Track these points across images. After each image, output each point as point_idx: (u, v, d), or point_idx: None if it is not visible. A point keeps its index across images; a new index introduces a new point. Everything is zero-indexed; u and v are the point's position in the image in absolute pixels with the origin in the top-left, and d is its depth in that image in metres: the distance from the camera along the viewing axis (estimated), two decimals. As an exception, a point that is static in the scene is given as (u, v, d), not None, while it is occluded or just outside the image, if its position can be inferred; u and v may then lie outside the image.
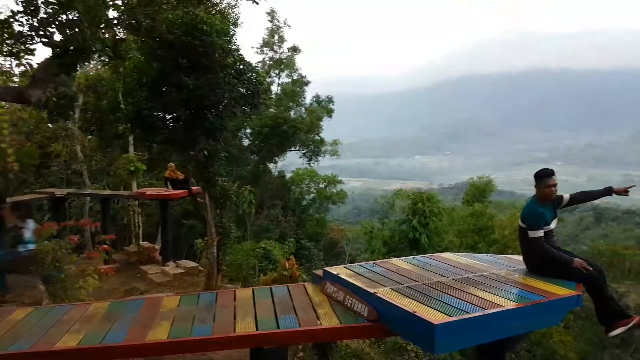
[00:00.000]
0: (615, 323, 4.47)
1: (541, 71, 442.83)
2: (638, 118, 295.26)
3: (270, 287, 5.30)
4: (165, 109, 9.73)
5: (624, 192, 4.88)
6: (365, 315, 4.19)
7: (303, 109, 27.65)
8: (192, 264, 12.81)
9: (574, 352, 16.68)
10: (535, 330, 4.53)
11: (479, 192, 23.36)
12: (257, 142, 25.56)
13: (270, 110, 24.84)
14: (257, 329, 4.10)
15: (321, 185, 28.60)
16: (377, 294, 4.24)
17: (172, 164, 13.36)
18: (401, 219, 20.50)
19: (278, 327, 4.11)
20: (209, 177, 10.11)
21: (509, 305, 4.02)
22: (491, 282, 4.70)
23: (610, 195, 4.94)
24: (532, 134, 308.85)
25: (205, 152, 9.66)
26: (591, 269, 4.53)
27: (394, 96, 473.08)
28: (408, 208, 20.39)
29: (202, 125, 9.59)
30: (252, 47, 27.90)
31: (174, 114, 9.78)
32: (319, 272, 5.35)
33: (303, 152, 27.24)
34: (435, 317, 3.67)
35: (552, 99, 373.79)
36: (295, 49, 27.54)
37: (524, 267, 5.09)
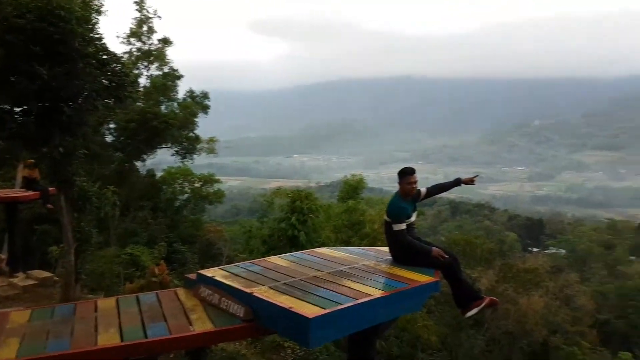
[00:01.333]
0: (470, 305, 4.95)
1: (405, 78, 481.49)
2: (486, 122, 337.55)
3: (137, 295, 4.95)
4: (14, 101, 8.56)
5: (470, 181, 5.50)
6: (242, 316, 4.13)
7: (175, 104, 26.27)
8: (45, 274, 11.53)
9: (436, 335, 18.38)
10: (401, 315, 4.88)
11: (352, 189, 24.52)
12: (123, 138, 23.60)
13: (138, 104, 23.22)
14: (122, 340, 3.79)
15: (197, 185, 27.49)
16: (254, 294, 4.20)
17: (30, 161, 11.67)
18: (280, 217, 20.65)
19: (146, 337, 3.85)
20: (66, 176, 9.12)
21: (378, 293, 4.26)
22: (361, 273, 4.94)
23: (459, 185, 5.54)
24: (399, 136, 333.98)
25: (61, 149, 8.69)
26: (447, 256, 4.98)
27: (274, 94, 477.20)
28: (287, 206, 20.62)
29: (58, 120, 8.62)
30: (117, 37, 25.69)
31: (25, 107, 8.65)
32: (192, 276, 5.13)
33: (176, 149, 25.89)
34: (310, 311, 3.74)
35: (419, 104, 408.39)
36: (166, 41, 26.10)
37: (390, 257, 5.44)
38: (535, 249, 52.93)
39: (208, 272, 5.00)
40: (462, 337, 19.60)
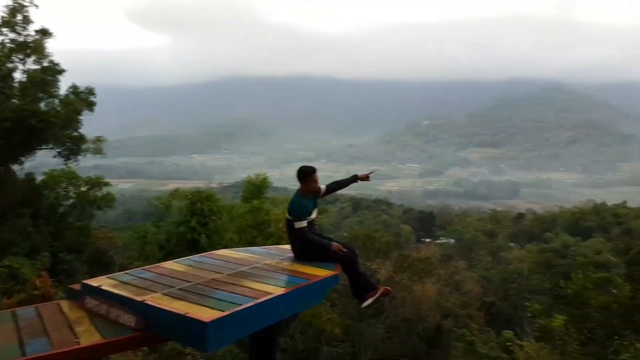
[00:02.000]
0: (366, 295, 5.11)
1: (308, 78, 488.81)
2: (385, 123, 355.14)
3: (14, 310, 4.41)
4: None
5: (365, 177, 5.72)
6: (133, 325, 3.86)
7: (57, 100, 23.93)
8: None
9: (339, 327, 18.91)
10: (303, 310, 4.91)
11: (256, 189, 24.27)
12: (-4, 138, 21.09)
13: (13, 101, 20.89)
14: (-6, 362, 3.35)
15: (83, 189, 25.33)
16: (146, 301, 3.95)
17: None
18: (178, 220, 19.81)
19: (24, 354, 3.44)
20: None
21: (278, 291, 4.23)
22: (263, 272, 4.88)
23: (356, 181, 5.73)
24: (303, 136, 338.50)
25: None
26: (346, 250, 5.11)
27: (168, 91, 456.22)
28: (186, 208, 19.85)
29: None
30: (-16, 26, 22.81)
31: None
32: (76, 286, 4.68)
33: (58, 150, 23.64)
34: (207, 314, 3.62)
35: (322, 104, 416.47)
36: (44, 32, 23.69)
37: (292, 255, 5.45)
38: (427, 240, 56.72)
39: (94, 282, 4.60)
40: (364, 327, 20.39)
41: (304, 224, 5.11)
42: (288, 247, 5.66)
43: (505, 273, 36.30)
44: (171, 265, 5.30)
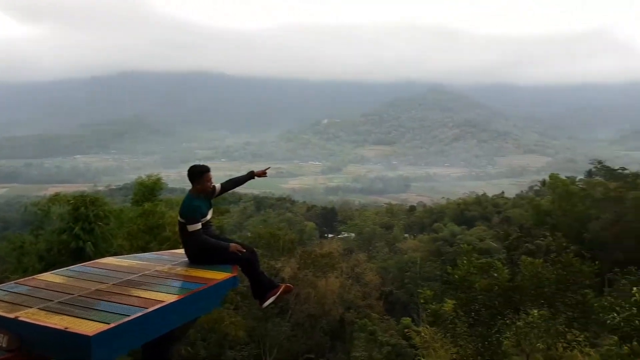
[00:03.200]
0: (266, 295, 5.01)
1: (204, 74, 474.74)
2: (286, 120, 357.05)
3: None
4: None
5: (262, 174, 5.58)
6: (5, 345, 3.45)
7: None
8: None
9: (244, 330, 18.57)
10: (200, 315, 4.68)
11: (148, 191, 22.89)
12: None
13: None
14: None
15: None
16: (20, 318, 3.55)
17: None
18: (60, 228, 18.00)
19: None
20: None
21: (171, 299, 4.02)
22: (154, 279, 4.59)
23: (253, 178, 5.54)
24: (200, 134, 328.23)
25: None
26: (245, 250, 4.95)
27: (47, 87, 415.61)
28: (68, 214, 18.11)
29: None
30: None
31: None
32: None
33: None
34: (90, 328, 3.32)
35: (218, 101, 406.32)
36: None
37: (187, 259, 5.16)
38: (330, 235, 58.16)
39: (-47, 302, 3.97)
40: (269, 327, 20.26)
41: (198, 226, 4.87)
42: (181, 251, 5.37)
43: (401, 263, 38.40)
44: (49, 277, 4.80)
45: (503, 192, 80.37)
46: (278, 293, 5.05)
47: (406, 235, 54.81)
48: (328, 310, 22.93)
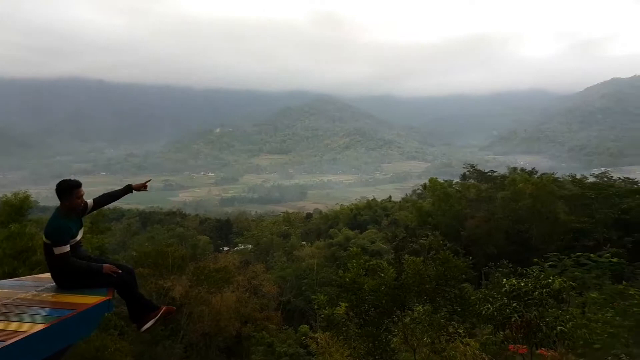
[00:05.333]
0: (145, 317, 4.69)
1: (77, 81, 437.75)
2: (172, 129, 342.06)
3: None
4: None
5: (142, 187, 5.19)
6: None
7: None
8: None
9: (131, 356, 17.24)
10: (71, 344, 4.22)
11: (15, 210, 20.41)
12: None
13: None
14: None
15: None
16: None
17: None
18: None
19: None
20: None
21: (34, 328, 3.58)
22: (14, 308, 4.06)
23: (131, 192, 5.14)
24: (73, 146, 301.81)
25: None
26: (120, 271, 4.59)
27: None
28: None
29: None
30: None
31: None
32: None
33: None
34: None
35: (90, 110, 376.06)
36: None
37: (54, 284, 4.64)
38: (226, 248, 56.75)
39: None
40: (159, 351, 19.11)
41: (67, 248, 4.41)
42: (47, 275, 4.82)
43: (298, 270, 38.64)
44: None
45: (390, 196, 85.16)
46: (158, 315, 4.74)
47: (303, 242, 55.41)
48: (224, 326, 22.23)
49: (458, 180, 56.78)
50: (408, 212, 50.88)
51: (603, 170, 67.07)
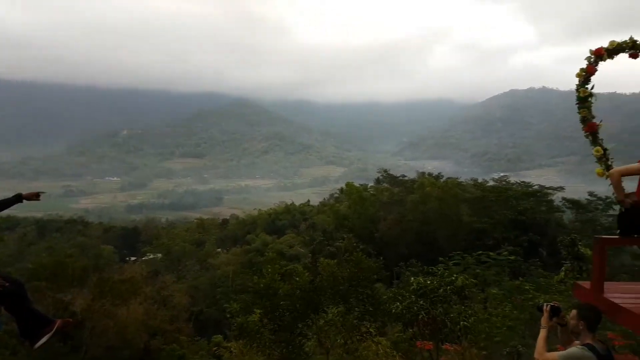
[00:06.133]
0: (39, 333, 4.29)
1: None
2: (74, 131, 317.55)
3: None
4: None
5: (34, 197, 4.76)
6: None
7: None
8: None
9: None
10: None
11: None
12: None
13: None
14: None
15: None
16: None
17: None
18: None
19: None
20: None
21: None
22: None
23: (21, 201, 4.73)
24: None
25: None
26: (7, 284, 4.17)
27: None
28: None
29: None
30: None
31: None
32: None
33: None
34: None
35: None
36: None
37: None
38: (133, 258, 53.74)
39: None
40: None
41: None
42: None
43: (213, 279, 37.54)
44: None
45: (309, 201, 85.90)
46: (54, 329, 4.32)
47: (219, 249, 54.00)
48: (130, 339, 20.93)
49: (372, 184, 58.73)
50: (326, 216, 51.63)
51: (502, 174, 72.85)
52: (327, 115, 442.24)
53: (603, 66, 4.91)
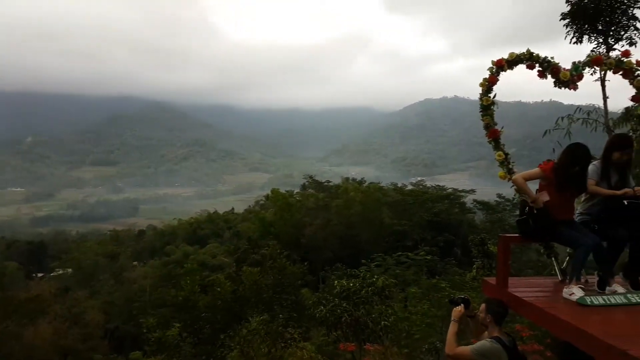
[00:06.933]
0: None
1: None
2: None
3: None
4: None
5: None
6: None
7: None
8: None
9: None
10: None
11: None
12: None
13: None
14: None
15: None
16: None
17: None
18: None
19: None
20: None
21: None
22: None
23: None
24: None
25: None
26: None
27: None
28: None
29: None
30: None
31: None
32: None
33: None
34: None
35: None
36: None
37: None
38: (40, 274, 49.69)
39: None
40: None
41: None
42: None
43: (129, 293, 35.57)
44: None
45: (233, 208, 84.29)
46: None
47: (135, 262, 51.22)
48: (39, 361, 19.31)
49: (298, 191, 58.91)
50: (251, 224, 50.87)
51: (419, 179, 76.43)
52: (251, 121, 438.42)
53: (508, 76, 5.26)
